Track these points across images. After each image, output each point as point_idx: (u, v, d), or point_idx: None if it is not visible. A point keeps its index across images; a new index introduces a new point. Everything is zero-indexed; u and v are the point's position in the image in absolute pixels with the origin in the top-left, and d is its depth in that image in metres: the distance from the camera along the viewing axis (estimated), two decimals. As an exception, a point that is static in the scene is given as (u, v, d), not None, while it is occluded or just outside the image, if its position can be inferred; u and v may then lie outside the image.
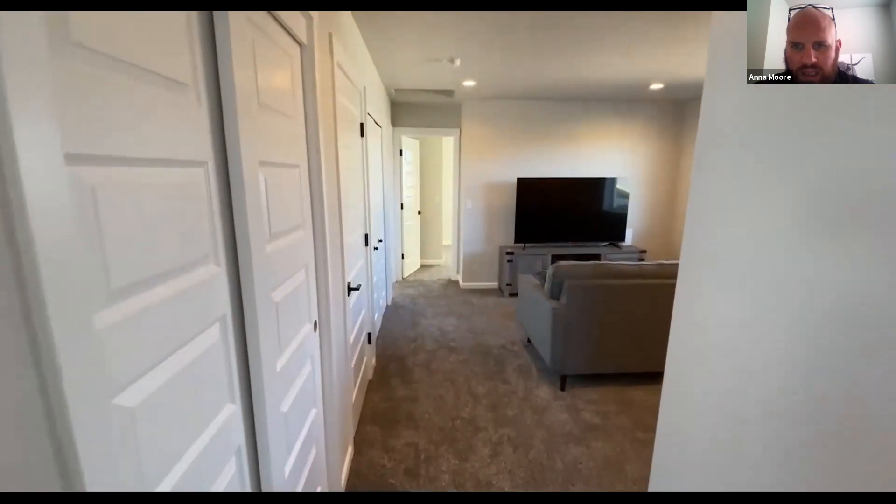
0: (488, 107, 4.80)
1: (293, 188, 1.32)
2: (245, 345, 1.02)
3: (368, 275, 2.81)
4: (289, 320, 1.26)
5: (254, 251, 0.98)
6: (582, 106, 4.85)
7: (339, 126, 1.90)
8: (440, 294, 4.95)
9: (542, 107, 4.83)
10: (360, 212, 2.54)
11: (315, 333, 1.55)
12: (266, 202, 1.08)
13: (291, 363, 1.28)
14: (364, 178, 2.65)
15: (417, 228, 6.14)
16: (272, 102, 1.13)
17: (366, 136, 2.67)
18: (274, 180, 1.14)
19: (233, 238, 0.96)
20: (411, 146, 5.69)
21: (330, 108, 1.74)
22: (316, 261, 1.55)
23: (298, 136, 1.38)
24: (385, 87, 4.21)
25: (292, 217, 1.30)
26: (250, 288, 0.98)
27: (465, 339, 3.57)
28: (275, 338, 1.14)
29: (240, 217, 0.95)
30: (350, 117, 2.25)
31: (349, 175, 2.20)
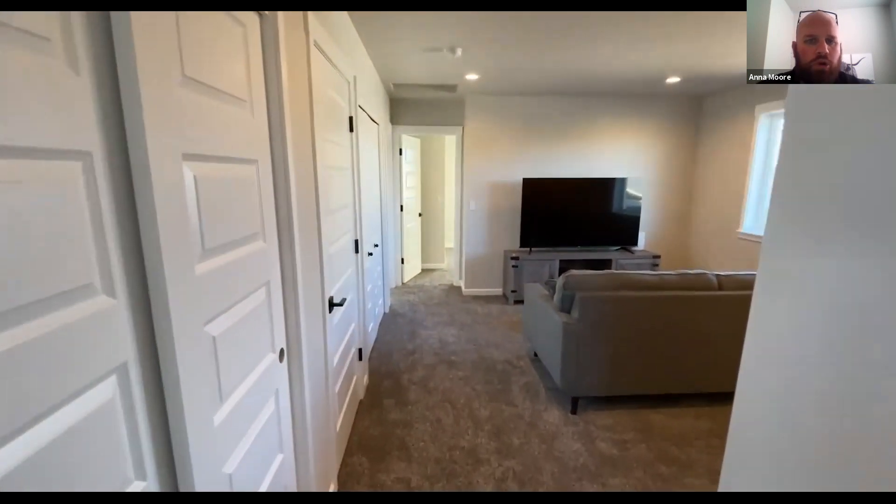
0: (492, 103, 4.54)
1: (247, 189, 1.06)
2: (163, 399, 0.76)
3: (360, 285, 2.55)
4: (238, 356, 1.00)
5: (171, 274, 0.72)
6: (592, 102, 4.56)
7: (320, 117, 1.64)
8: (441, 301, 4.68)
9: (550, 103, 4.55)
10: (348, 215, 2.29)
11: (282, 364, 1.30)
12: (197, 207, 0.82)
13: (242, 409, 1.02)
14: (354, 178, 2.39)
15: (418, 231, 5.89)
16: (210, 79, 0.88)
17: (356, 131, 2.41)
18: (211, 179, 0.88)
19: (139, 257, 0.70)
20: (412, 145, 5.43)
21: (304, 94, 1.48)
22: (283, 276, 1.29)
23: (257, 127, 1.12)
24: (382, 81, 3.96)
25: (245, 225, 1.04)
26: (165, 323, 0.73)
27: (466, 353, 3.30)
28: (211, 383, 0.88)
29: (148, 228, 0.69)
30: (335, 109, 1.99)
31: (334, 175, 1.94)
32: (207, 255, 0.86)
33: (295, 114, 1.37)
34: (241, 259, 1.02)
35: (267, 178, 1.18)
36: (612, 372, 2.40)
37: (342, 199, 2.12)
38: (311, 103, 1.52)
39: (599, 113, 4.59)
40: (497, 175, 4.69)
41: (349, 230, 2.29)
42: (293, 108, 1.36)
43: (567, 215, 4.61)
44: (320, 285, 1.65)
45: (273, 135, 1.21)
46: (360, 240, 2.50)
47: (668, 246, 4.93)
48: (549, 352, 2.57)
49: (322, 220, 1.65)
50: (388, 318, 4.08)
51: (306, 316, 1.45)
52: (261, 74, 1.16)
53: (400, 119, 4.88)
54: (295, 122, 1.37)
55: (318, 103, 1.62)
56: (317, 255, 1.60)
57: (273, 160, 1.22)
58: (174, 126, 0.75)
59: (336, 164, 1.98)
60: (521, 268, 4.47)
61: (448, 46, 2.88)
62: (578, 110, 4.58)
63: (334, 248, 1.91)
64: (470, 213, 4.78)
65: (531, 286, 3.12)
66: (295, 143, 1.36)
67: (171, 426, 0.77)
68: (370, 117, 3.24)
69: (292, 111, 1.34)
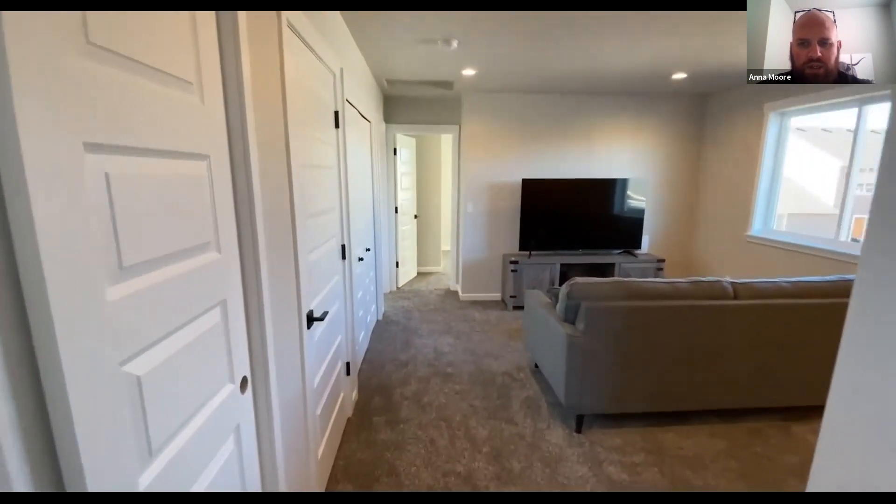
0: (490, 101, 4.36)
1: (193, 190, 0.87)
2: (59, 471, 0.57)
3: (348, 294, 2.36)
4: (179, 394, 0.81)
5: (62, 303, 0.54)
6: (594, 100, 4.39)
7: (297, 109, 1.45)
8: (437, 307, 4.50)
9: (550, 101, 4.38)
10: (334, 219, 2.10)
11: (246, 394, 1.11)
12: (110, 213, 0.64)
13: (186, 459, 0.83)
14: (341, 178, 2.20)
15: (414, 234, 5.70)
16: (136, 52, 0.69)
17: (343, 127, 2.23)
18: (136, 177, 0.70)
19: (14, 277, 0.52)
20: (407, 144, 5.25)
21: (276, 82, 1.29)
22: (245, 292, 1.10)
23: (209, 116, 0.93)
24: (374, 77, 3.77)
25: (189, 234, 0.85)
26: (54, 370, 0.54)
27: (463, 364, 3.12)
28: (135, 436, 0.69)
29: (23, 242, 0.51)
30: (317, 102, 1.81)
31: (316, 174, 1.76)
32: (127, 274, 0.67)
33: (263, 104, 1.19)
34: (184, 275, 0.83)
35: (223, 176, 1.00)
36: (621, 388, 2.22)
37: (326, 202, 1.94)
38: (284, 92, 1.34)
39: (602, 112, 4.42)
40: (495, 176, 4.51)
41: (335, 234, 2.11)
42: (260, 97, 1.17)
43: (568, 218, 4.43)
44: (296, 299, 1.46)
45: (232, 126, 1.03)
46: (347, 245, 2.31)
47: (673, 249, 4.76)
48: (552, 365, 2.39)
49: (299, 224, 1.46)
50: (381, 326, 3.89)
51: (277, 335, 1.26)
52: (215, 54, 0.97)
53: (394, 117, 4.70)
54: (262, 113, 1.18)
55: (294, 93, 1.44)
56: (291, 265, 1.42)
57: (232, 156, 1.04)
58: (69, 105, 0.56)
59: (318, 162, 1.80)
60: (521, 272, 4.29)
61: (443, 38, 2.70)
62: (580, 109, 4.41)
63: (316, 255, 1.72)
64: (467, 215, 4.60)
65: (532, 293, 2.93)
66: (262, 137, 1.17)
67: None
68: (361, 114, 3.06)
69: (259, 100, 1.16)
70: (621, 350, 2.18)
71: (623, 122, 4.46)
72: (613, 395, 2.23)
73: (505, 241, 4.65)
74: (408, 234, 5.46)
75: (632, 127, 4.48)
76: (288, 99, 1.36)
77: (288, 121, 1.36)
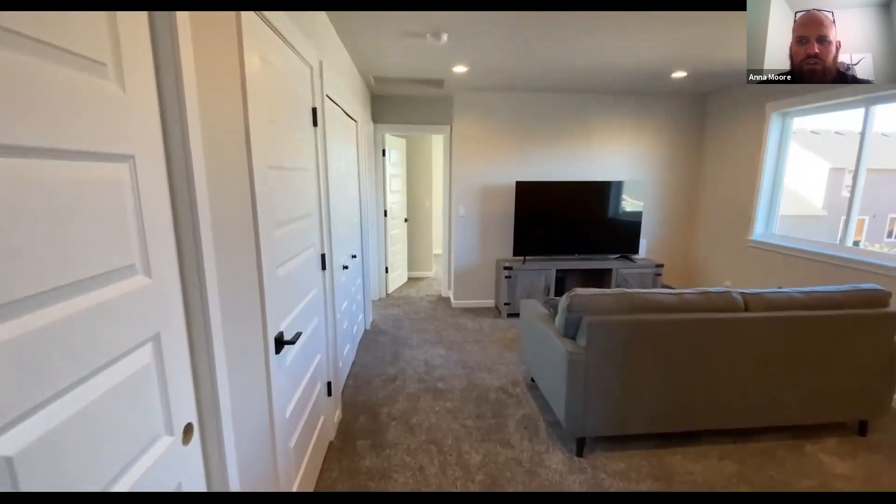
0: (483, 100, 4.19)
1: (108, 200, 0.68)
2: None
3: (329, 307, 2.17)
4: (86, 466, 0.62)
5: None
6: (591, 100, 4.25)
7: (262, 103, 1.27)
8: (428, 315, 4.31)
9: (544, 101, 4.22)
10: (312, 225, 1.91)
11: (190, 445, 0.92)
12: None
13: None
14: (320, 181, 2.01)
15: (404, 238, 5.51)
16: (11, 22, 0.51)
17: (323, 125, 2.04)
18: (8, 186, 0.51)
19: None
20: (396, 146, 5.07)
21: (232, 73, 1.11)
22: (189, 323, 0.91)
23: (132, 106, 0.74)
24: (361, 74, 3.59)
25: (101, 255, 0.66)
26: None
27: (455, 378, 2.93)
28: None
29: None
30: (289, 96, 1.62)
31: (289, 178, 1.57)
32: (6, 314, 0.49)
33: (217, 96, 1.00)
34: (92, 310, 0.64)
35: (155, 182, 0.81)
36: (625, 409, 2.05)
37: (302, 207, 1.75)
38: (244, 83, 1.15)
39: (598, 112, 4.28)
40: (488, 178, 4.35)
41: (313, 244, 1.92)
42: (213, 88, 0.99)
43: (564, 221, 4.27)
44: (261, 322, 1.27)
45: (168, 121, 0.84)
46: (328, 254, 2.12)
47: (671, 254, 4.62)
48: (551, 383, 2.22)
49: (264, 235, 1.28)
50: (368, 337, 3.69)
51: (235, 368, 1.07)
52: (144, 32, 0.78)
53: (383, 117, 4.51)
54: (215, 107, 1.00)
55: (260, 86, 1.25)
56: (254, 283, 1.23)
57: (169, 157, 0.85)
58: None
59: (292, 164, 1.61)
60: (515, 278, 4.12)
61: (432, 31, 2.53)
62: (576, 109, 4.26)
63: (288, 268, 1.53)
64: (459, 219, 4.42)
65: (528, 303, 2.76)
66: (214, 135, 0.99)
67: None
68: (346, 113, 2.87)
69: (212, 91, 0.97)
70: (626, 367, 2.01)
71: (620, 123, 4.32)
72: (618, 417, 2.06)
73: (498, 245, 4.48)
74: (398, 239, 5.27)
75: (629, 127, 4.34)
76: (250, 92, 1.18)
77: (249, 116, 1.17)
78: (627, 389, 2.03)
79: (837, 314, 2.09)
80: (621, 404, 2.05)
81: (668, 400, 2.08)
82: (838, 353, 2.12)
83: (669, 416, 2.11)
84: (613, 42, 2.74)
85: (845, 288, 2.21)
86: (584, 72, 3.46)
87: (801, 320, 2.07)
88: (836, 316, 2.09)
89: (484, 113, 4.22)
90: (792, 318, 2.07)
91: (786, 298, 2.13)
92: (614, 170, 4.41)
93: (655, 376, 2.05)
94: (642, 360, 2.03)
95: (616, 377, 2.01)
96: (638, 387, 2.04)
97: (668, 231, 4.60)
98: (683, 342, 2.03)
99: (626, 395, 2.04)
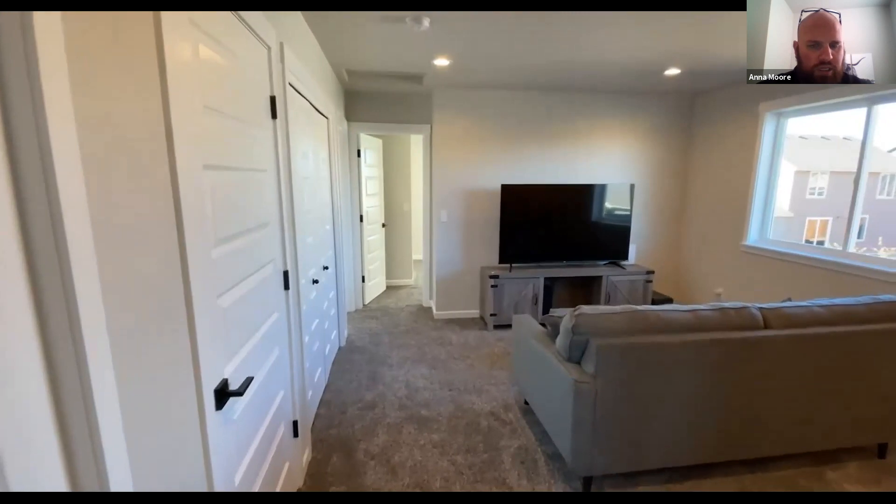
0: (466, 98, 3.92)
1: None
2: None
3: (293, 333, 1.84)
4: None
5: None
6: (579, 99, 4.04)
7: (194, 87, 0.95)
8: (409, 328, 4.00)
9: (531, 99, 3.99)
10: (271, 237, 1.58)
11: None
12: None
13: None
14: (281, 183, 1.69)
15: (382, 244, 5.18)
16: None
17: (285, 117, 1.72)
18: None
19: None
20: (373, 146, 4.74)
21: (142, 40, 0.79)
22: (57, 398, 0.59)
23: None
24: (333, 67, 3.26)
25: None
26: None
27: (441, 402, 2.64)
28: None
29: None
30: (240, 82, 1.30)
31: (237, 180, 1.25)
32: None
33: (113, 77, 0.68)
34: None
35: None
36: (638, 442, 1.80)
37: (256, 216, 1.42)
38: (162, 58, 0.83)
39: (587, 111, 4.08)
40: (472, 181, 4.08)
41: (272, 259, 1.59)
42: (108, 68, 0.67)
43: (552, 227, 4.04)
44: (193, 371, 0.95)
45: (11, 112, 0.52)
46: (292, 270, 1.79)
47: (661, 260, 4.47)
48: (552, 413, 1.95)
49: (198, 256, 0.95)
50: (343, 355, 3.35)
51: (144, 436, 0.75)
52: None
53: (357, 115, 4.19)
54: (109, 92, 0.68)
55: (189, 63, 0.93)
56: (181, 321, 0.91)
57: (14, 158, 0.53)
58: None
59: (241, 162, 1.29)
60: (502, 287, 3.86)
61: (412, 15, 2.24)
62: (563, 108, 4.05)
63: (235, 295, 1.20)
64: (441, 224, 4.13)
65: (522, 319, 2.50)
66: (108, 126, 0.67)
67: None
68: (314, 107, 2.54)
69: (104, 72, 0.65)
70: (639, 396, 1.77)
71: (609, 123, 4.13)
72: (630, 452, 1.81)
73: (483, 252, 4.21)
74: (375, 245, 4.94)
75: (619, 128, 4.16)
76: (174, 72, 0.86)
77: (172, 103, 0.85)
78: (640, 421, 1.79)
79: (862, 330, 1.90)
80: (634, 438, 1.80)
81: (681, 430, 1.84)
82: (862, 371, 1.94)
83: (684, 448, 1.87)
84: (606, 36, 2.53)
85: (866, 300, 2.03)
86: (575, 68, 3.24)
87: (824, 338, 1.88)
88: (861, 332, 1.90)
89: (467, 112, 3.95)
90: (814, 335, 1.87)
91: (807, 314, 1.93)
92: (602, 172, 4.22)
93: (670, 404, 1.81)
94: (656, 386, 1.78)
95: (629, 407, 1.76)
96: (651, 417, 1.80)
97: (657, 236, 4.45)
98: (700, 365, 1.80)
99: (639, 428, 1.79)
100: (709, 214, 4.05)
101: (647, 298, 4.05)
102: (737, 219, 3.71)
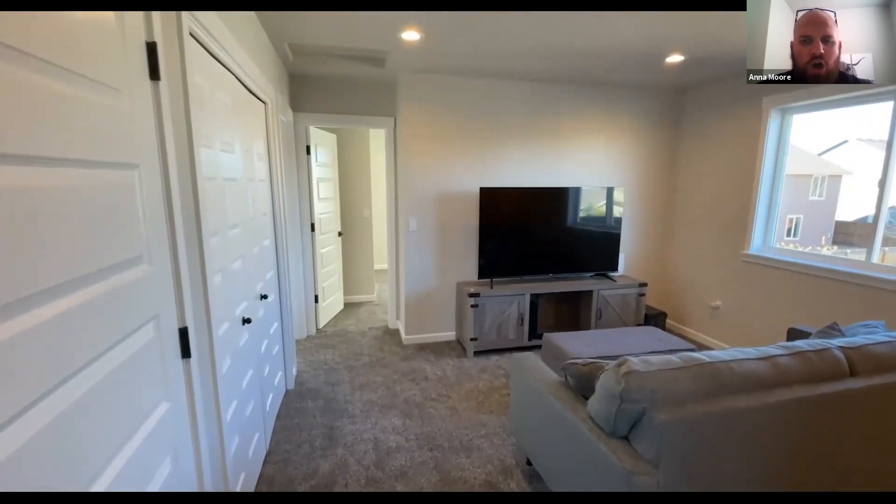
0: (437, 85, 3.35)
1: None
2: None
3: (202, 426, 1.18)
4: None
5: None
6: (566, 91, 3.58)
7: None
8: (373, 358, 3.36)
9: (513, 90, 3.49)
10: (147, 282, 0.93)
11: None
12: None
13: None
14: (169, 185, 1.04)
15: (339, 256, 4.50)
16: None
17: (181, 79, 1.08)
18: None
19: None
20: (325, 142, 4.06)
21: None
22: None
23: None
24: (272, 40, 2.58)
25: None
26: None
27: (421, 470, 2.04)
28: None
29: None
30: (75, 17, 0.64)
31: (40, 185, 0.59)
32: None
33: None
34: None
35: None
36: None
37: (111, 247, 0.77)
38: None
39: (574, 106, 3.63)
40: (445, 183, 3.51)
41: (154, 313, 0.94)
42: None
43: (536, 236, 3.56)
44: None
45: None
46: (195, 323, 1.14)
47: (652, 269, 4.11)
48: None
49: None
50: (291, 403, 2.66)
51: None
52: None
53: (306, 105, 3.50)
54: None
55: None
56: None
57: None
58: None
59: (71, 152, 0.64)
60: (483, 307, 3.32)
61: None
62: (549, 101, 3.57)
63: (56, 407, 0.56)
64: (410, 234, 3.53)
65: (524, 359, 1.95)
66: None
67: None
68: (241, 82, 1.88)
69: None
70: (708, 478, 1.27)
71: (597, 119, 3.71)
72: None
73: (459, 266, 3.65)
74: (331, 258, 4.25)
75: (606, 125, 3.74)
76: None
77: None
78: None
79: (958, 370, 1.52)
80: (704, 540, 1.30)
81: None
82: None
83: (760, 540, 1.40)
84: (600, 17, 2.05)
85: (945, 329, 1.67)
86: (564, 54, 2.76)
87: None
88: (955, 372, 1.52)
89: (438, 101, 3.38)
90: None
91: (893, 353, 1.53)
92: (589, 174, 3.79)
93: (742, 481, 1.33)
94: (727, 462, 1.30)
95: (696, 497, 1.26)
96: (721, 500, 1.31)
97: (648, 244, 4.08)
98: (780, 429, 1.34)
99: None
100: (706, 221, 3.71)
101: (639, 314, 3.66)
102: (736, 225, 3.39)
